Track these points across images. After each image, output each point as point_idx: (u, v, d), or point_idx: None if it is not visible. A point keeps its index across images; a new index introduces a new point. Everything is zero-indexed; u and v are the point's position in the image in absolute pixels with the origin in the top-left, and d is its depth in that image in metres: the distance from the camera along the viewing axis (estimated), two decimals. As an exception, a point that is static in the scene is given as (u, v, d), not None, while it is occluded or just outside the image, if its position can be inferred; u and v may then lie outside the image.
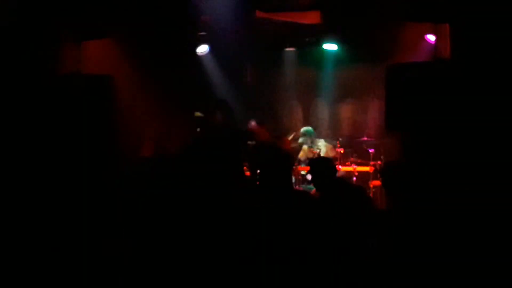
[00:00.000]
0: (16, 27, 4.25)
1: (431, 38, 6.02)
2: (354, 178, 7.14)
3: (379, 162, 7.14)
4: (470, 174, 3.87)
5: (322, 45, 7.92)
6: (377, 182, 6.94)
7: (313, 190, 6.25)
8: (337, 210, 3.85)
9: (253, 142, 6.24)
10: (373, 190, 7.12)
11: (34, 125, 4.35)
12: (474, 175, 3.85)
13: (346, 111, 8.64)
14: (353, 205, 4.11)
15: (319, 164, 4.60)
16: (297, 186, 6.75)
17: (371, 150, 7.27)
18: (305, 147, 7.57)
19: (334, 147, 7.42)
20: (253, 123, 6.30)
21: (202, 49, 7.88)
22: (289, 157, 4.20)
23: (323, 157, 6.88)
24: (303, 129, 7.68)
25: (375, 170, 7.06)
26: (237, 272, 3.21)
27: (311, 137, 7.52)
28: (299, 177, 6.97)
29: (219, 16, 6.64)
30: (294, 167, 6.71)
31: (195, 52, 7.86)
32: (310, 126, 7.86)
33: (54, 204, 4.18)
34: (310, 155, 7.21)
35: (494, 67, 3.99)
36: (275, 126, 8.26)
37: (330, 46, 7.91)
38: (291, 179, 4.26)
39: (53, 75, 4.87)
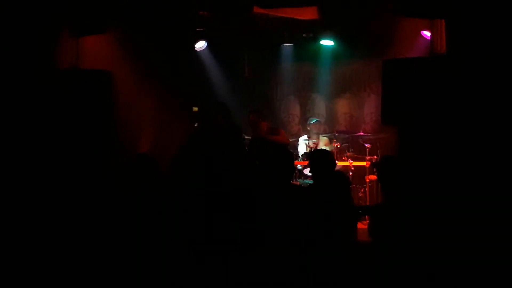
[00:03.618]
0: (13, 23, 4.25)
1: (427, 34, 6.04)
2: (350, 173, 7.19)
3: (375, 156, 7.19)
4: (466, 169, 3.90)
5: (319, 41, 7.96)
6: (373, 177, 6.99)
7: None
8: (333, 202, 3.89)
9: (250, 137, 6.27)
10: (369, 184, 7.18)
11: (33, 121, 4.35)
12: (470, 170, 3.88)
13: (343, 106, 8.69)
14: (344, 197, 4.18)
15: (319, 156, 4.64)
16: (294, 181, 6.78)
17: (367, 145, 7.32)
18: (302, 141, 7.62)
19: (331, 141, 7.47)
20: (253, 115, 6.31)
21: (200, 44, 7.91)
22: (290, 154, 4.25)
23: (322, 149, 6.92)
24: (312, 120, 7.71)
25: (372, 164, 7.11)
26: (236, 264, 3.25)
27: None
28: (296, 171, 7.01)
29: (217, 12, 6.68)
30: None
31: (193, 48, 7.88)
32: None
33: (52, 200, 4.19)
34: (307, 150, 7.25)
35: (489, 62, 4.01)
36: (272, 121, 8.31)
37: (327, 42, 7.94)
38: (291, 174, 4.32)
39: (52, 71, 4.87)
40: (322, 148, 7.16)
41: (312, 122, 7.64)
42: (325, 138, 7.61)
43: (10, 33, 4.20)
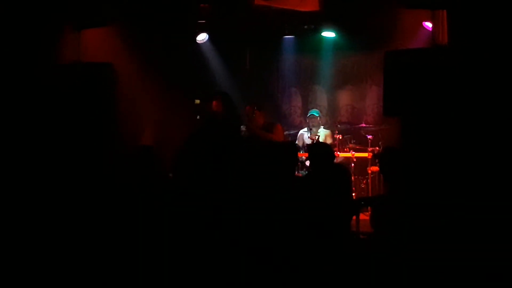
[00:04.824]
0: (15, 17, 4.26)
1: (429, 24, 6.03)
2: (352, 164, 7.20)
3: (377, 148, 7.19)
4: (468, 160, 3.91)
5: (320, 32, 7.94)
6: (375, 168, 7.00)
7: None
8: (332, 194, 3.91)
9: (246, 129, 6.32)
10: (371, 175, 7.19)
11: (36, 115, 4.37)
12: (471, 162, 3.89)
13: (344, 98, 8.67)
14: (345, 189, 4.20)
15: (317, 149, 4.66)
16: (295, 172, 6.79)
17: (369, 136, 7.32)
18: (303, 133, 7.62)
19: (333, 133, 7.48)
20: (249, 107, 6.38)
21: (202, 37, 7.90)
22: (293, 148, 4.26)
23: (321, 142, 6.94)
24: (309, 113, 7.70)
25: (374, 156, 7.12)
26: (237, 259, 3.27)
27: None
28: (298, 163, 7.01)
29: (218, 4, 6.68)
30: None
31: (194, 40, 7.88)
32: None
33: (54, 193, 4.21)
34: (309, 142, 7.26)
35: (491, 52, 4.01)
36: (274, 113, 8.33)
37: (328, 33, 7.92)
38: (293, 168, 4.34)
39: (53, 64, 4.88)
40: (321, 141, 7.17)
41: (308, 115, 7.63)
42: (326, 131, 7.60)
43: (12, 27, 4.21)
